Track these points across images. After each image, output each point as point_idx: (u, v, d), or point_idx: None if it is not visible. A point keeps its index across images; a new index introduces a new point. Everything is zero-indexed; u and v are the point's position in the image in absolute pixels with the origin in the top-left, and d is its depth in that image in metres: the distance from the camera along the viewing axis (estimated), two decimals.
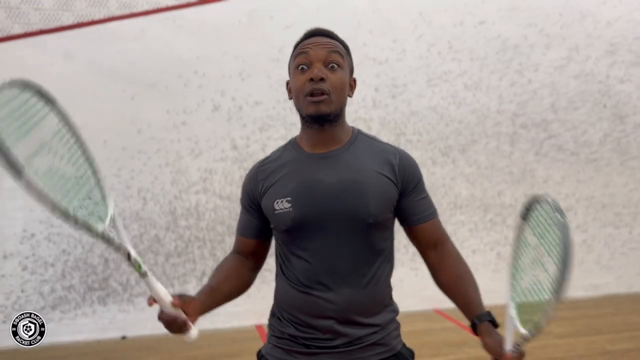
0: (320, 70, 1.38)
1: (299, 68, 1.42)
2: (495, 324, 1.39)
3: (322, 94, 1.38)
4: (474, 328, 1.42)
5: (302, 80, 1.40)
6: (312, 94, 1.38)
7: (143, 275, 1.20)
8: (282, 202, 1.41)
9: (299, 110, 1.44)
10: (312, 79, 1.38)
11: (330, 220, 1.40)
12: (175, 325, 1.25)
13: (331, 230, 1.40)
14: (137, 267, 1.19)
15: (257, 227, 1.53)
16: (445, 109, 4.97)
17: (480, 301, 1.46)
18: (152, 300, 1.24)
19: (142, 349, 4.14)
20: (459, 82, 4.99)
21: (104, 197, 1.24)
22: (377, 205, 1.42)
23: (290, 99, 1.48)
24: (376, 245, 1.46)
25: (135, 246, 4.40)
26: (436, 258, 1.53)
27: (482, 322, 1.40)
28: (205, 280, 4.35)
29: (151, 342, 4.26)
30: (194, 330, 1.27)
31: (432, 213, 1.54)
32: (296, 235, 1.42)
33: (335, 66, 1.41)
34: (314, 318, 1.42)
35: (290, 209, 1.40)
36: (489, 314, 1.43)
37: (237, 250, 1.58)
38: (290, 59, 1.48)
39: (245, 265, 1.55)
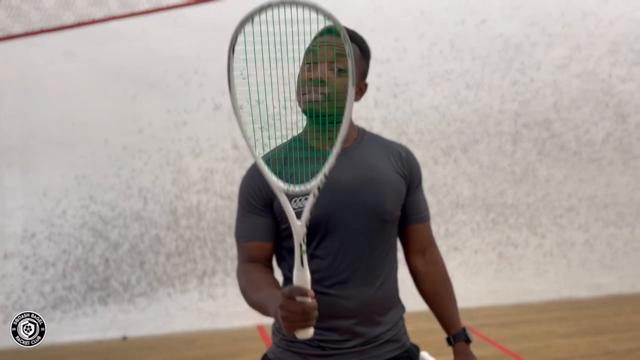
0: (323, 72, 1.36)
1: (306, 65, 1.40)
2: (469, 341, 1.54)
3: (319, 94, 1.35)
4: (450, 343, 1.56)
5: (304, 78, 1.39)
6: (309, 92, 1.37)
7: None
8: (299, 200, 1.34)
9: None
10: (311, 79, 1.36)
11: (348, 218, 1.39)
12: (314, 315, 1.12)
13: (349, 228, 1.39)
14: (302, 249, 1.16)
15: (273, 229, 1.43)
16: (447, 108, 4.96)
17: (458, 317, 1.57)
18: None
19: (143, 349, 4.13)
20: (460, 81, 4.97)
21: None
22: (392, 202, 1.43)
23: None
24: (388, 241, 1.47)
25: (135, 246, 4.42)
26: (423, 264, 1.56)
27: (459, 341, 1.55)
28: (206, 280, 4.37)
29: (152, 342, 4.26)
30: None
31: (428, 215, 1.57)
32: (313, 235, 1.38)
33: (341, 70, 1.38)
34: (332, 319, 1.39)
35: None
36: (464, 332, 1.55)
37: (253, 259, 1.42)
38: None
39: (272, 274, 1.40)
